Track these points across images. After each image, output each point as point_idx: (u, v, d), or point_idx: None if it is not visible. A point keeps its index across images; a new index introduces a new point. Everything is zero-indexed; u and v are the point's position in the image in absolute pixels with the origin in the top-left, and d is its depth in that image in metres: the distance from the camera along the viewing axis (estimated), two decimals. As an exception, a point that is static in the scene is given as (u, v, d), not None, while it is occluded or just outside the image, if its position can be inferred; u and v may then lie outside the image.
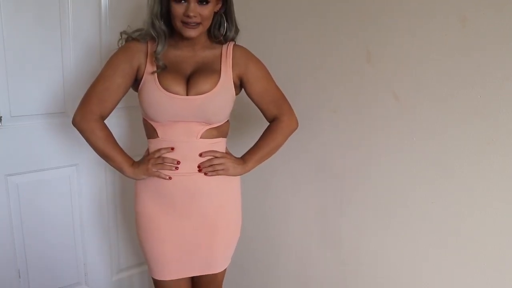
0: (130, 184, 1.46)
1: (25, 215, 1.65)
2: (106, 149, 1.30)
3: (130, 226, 1.93)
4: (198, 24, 1.22)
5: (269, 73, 1.38)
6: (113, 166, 1.34)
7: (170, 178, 1.30)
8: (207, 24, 1.25)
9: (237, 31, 1.35)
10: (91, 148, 1.74)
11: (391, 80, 1.30)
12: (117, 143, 1.33)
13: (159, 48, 1.26)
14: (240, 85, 1.36)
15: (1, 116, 1.53)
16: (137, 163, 1.33)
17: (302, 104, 1.49)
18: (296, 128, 1.42)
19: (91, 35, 1.65)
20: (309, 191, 1.62)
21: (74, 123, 1.28)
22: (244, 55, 1.34)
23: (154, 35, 1.25)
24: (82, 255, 1.84)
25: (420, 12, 1.21)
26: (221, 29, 1.32)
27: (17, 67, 1.51)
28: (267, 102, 1.38)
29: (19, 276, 1.67)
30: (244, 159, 1.38)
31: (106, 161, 1.34)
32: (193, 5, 1.19)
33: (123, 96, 1.31)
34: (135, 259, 2.01)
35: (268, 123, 1.42)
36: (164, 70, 1.27)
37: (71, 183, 1.74)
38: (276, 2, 1.61)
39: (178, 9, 1.20)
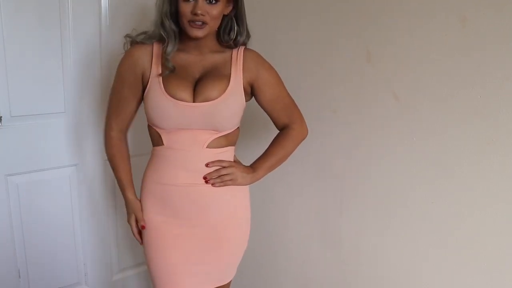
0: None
1: (25, 215, 1.65)
2: (115, 172, 1.36)
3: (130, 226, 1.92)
4: (205, 24, 1.17)
5: (280, 79, 1.32)
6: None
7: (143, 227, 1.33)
8: (214, 25, 1.20)
9: (248, 36, 1.29)
10: (91, 148, 1.75)
11: (391, 80, 1.30)
12: (125, 170, 1.35)
13: (169, 48, 1.21)
14: (251, 92, 1.30)
15: (1, 116, 1.53)
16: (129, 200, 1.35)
17: (302, 104, 1.49)
18: (306, 136, 1.37)
19: (91, 35, 1.65)
20: (309, 191, 1.62)
21: (103, 139, 1.37)
22: (255, 59, 1.28)
23: (164, 35, 1.21)
24: (82, 255, 1.84)
25: (420, 12, 1.21)
26: (231, 33, 1.26)
27: (17, 67, 1.51)
28: (278, 109, 1.32)
29: (19, 276, 1.68)
30: (253, 167, 1.33)
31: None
32: (201, 3, 1.14)
33: (137, 105, 1.30)
34: (135, 259, 2.01)
35: (278, 131, 1.37)
36: (170, 74, 1.22)
37: (71, 183, 1.74)
38: (276, 2, 1.61)
39: (186, 8, 1.15)
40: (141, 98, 1.28)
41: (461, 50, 1.13)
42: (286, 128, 1.35)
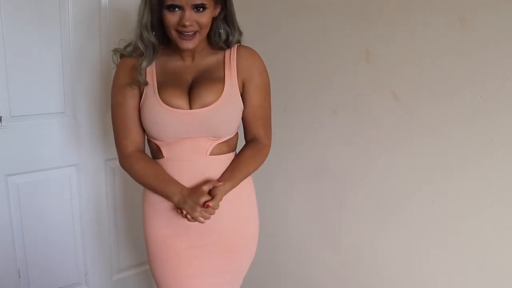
0: (130, 184, 1.46)
1: (25, 215, 1.65)
2: (149, 184, 1.21)
3: (130, 226, 1.93)
4: (195, 32, 1.10)
5: (269, 86, 1.26)
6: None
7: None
8: (205, 32, 1.14)
9: (240, 33, 1.23)
10: (91, 148, 1.75)
11: (390, 80, 1.30)
12: (161, 174, 1.19)
13: (144, 63, 1.14)
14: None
15: (1, 116, 1.53)
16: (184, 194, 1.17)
17: (302, 104, 1.49)
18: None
19: (91, 35, 1.65)
20: (308, 191, 1.62)
21: (121, 166, 1.24)
22: (250, 59, 1.22)
23: (141, 47, 1.14)
24: (82, 255, 1.84)
25: (420, 12, 1.21)
26: (222, 35, 1.20)
27: (17, 67, 1.52)
28: (257, 118, 1.25)
29: (19, 276, 1.68)
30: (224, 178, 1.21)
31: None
32: (189, 12, 1.07)
33: None
34: (135, 259, 2.01)
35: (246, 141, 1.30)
36: (164, 82, 1.17)
37: (71, 183, 1.74)
38: (275, 1, 1.61)
39: (172, 18, 1.08)
40: None
41: (461, 50, 1.13)
42: (257, 143, 1.27)
